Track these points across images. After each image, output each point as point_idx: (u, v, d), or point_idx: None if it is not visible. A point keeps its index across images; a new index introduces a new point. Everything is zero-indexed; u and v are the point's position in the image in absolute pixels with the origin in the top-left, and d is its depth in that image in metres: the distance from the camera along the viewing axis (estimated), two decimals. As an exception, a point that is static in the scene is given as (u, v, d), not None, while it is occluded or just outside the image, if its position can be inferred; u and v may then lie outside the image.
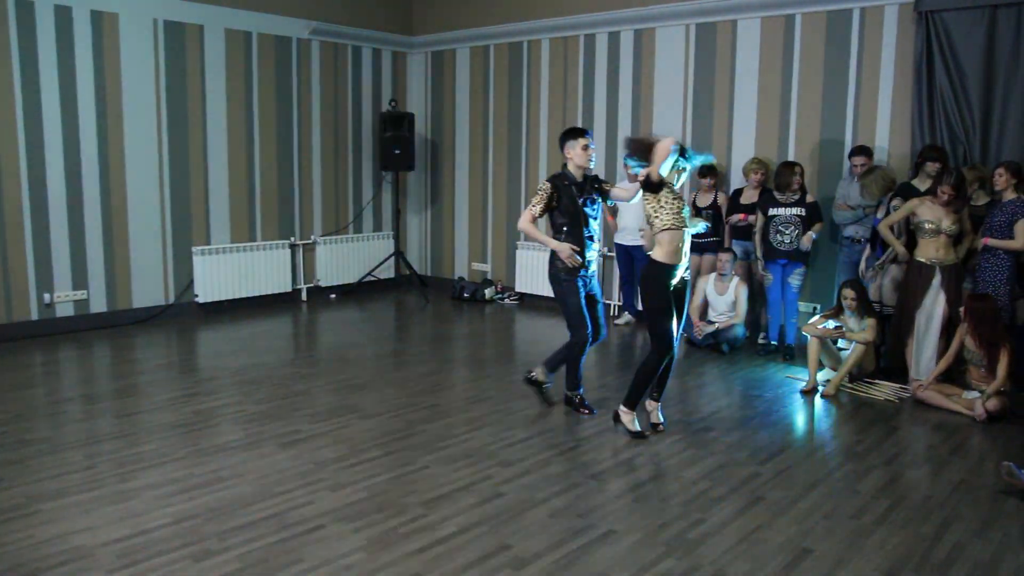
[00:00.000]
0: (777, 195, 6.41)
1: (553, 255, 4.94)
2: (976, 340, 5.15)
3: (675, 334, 4.61)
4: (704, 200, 7.00)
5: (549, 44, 8.44)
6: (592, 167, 4.95)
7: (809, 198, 6.42)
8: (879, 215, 6.02)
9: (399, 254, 9.47)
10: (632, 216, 7.16)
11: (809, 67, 6.79)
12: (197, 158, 7.77)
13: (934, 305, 5.56)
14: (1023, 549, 3.45)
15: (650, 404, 4.85)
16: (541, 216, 4.91)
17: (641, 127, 7.75)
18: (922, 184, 5.93)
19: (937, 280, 5.54)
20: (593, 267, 5.01)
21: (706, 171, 6.94)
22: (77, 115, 6.93)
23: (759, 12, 6.98)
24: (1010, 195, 5.40)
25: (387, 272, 9.49)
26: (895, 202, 5.89)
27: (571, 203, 4.86)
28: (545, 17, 8.33)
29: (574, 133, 4.93)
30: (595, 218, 4.96)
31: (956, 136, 6.07)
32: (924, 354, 5.59)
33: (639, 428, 4.70)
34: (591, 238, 4.93)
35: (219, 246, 7.94)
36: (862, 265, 6.15)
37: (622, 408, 4.73)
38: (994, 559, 3.35)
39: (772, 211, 6.41)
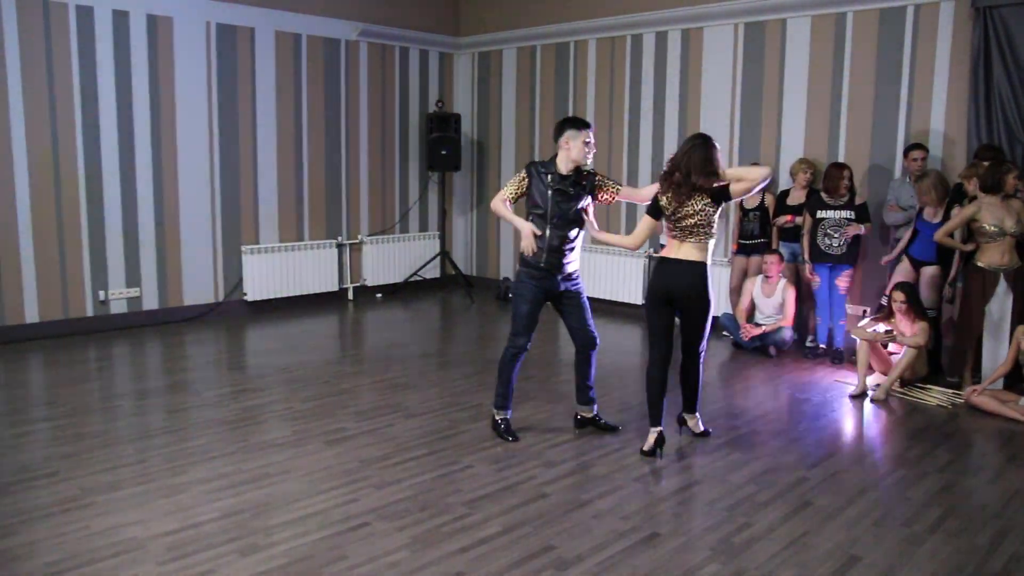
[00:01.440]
0: (825, 197, 6.30)
1: (521, 253, 4.64)
2: None
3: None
4: (752, 201, 6.91)
5: (596, 44, 8.41)
6: (589, 164, 4.57)
7: (858, 199, 6.30)
8: (929, 218, 5.89)
9: (445, 254, 9.51)
10: None
11: (860, 66, 6.66)
12: (247, 159, 7.90)
13: (1002, 312, 5.42)
14: (1082, 561, 3.35)
15: (691, 419, 4.74)
16: (513, 201, 4.61)
17: (688, 128, 7.68)
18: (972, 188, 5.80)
19: (1002, 288, 5.40)
20: (571, 268, 4.61)
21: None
22: (132, 117, 7.09)
23: (809, 11, 6.87)
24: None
25: (433, 272, 9.54)
26: (953, 210, 5.75)
27: (540, 195, 4.49)
28: (592, 17, 8.30)
29: (577, 124, 4.46)
30: (569, 219, 4.49)
31: (1015, 135, 5.91)
32: (992, 362, 5.47)
33: (702, 428, 4.71)
34: (563, 238, 4.50)
35: (268, 245, 8.06)
36: (945, 291, 5.96)
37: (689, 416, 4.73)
38: (1052, 571, 3.26)
39: (820, 214, 6.31)
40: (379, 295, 9.04)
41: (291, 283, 8.22)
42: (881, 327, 5.71)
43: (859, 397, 5.54)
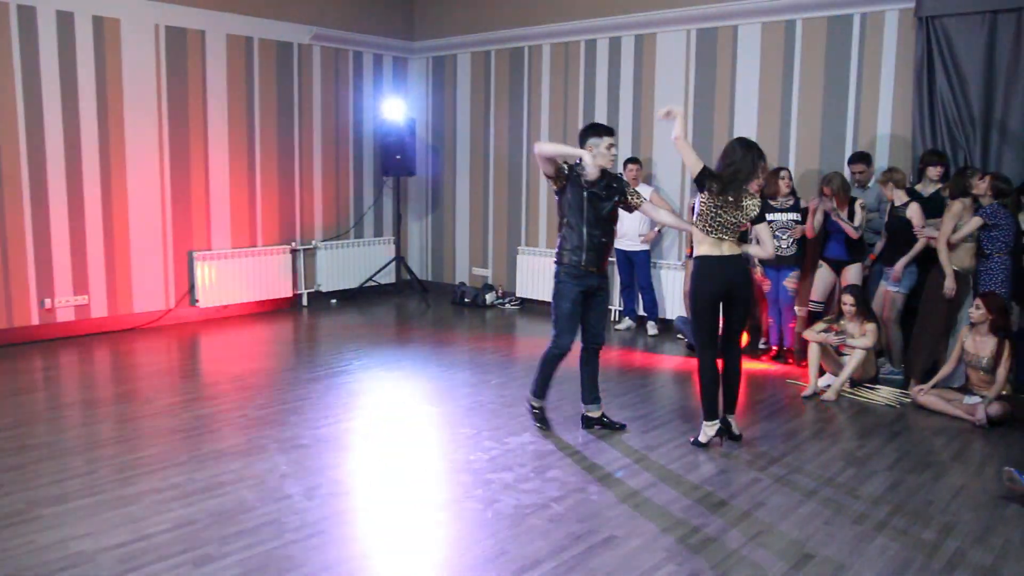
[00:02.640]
0: (771, 201, 6.42)
1: (559, 253, 4.70)
2: (995, 333, 5.13)
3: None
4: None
5: (550, 50, 8.45)
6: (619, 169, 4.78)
7: (804, 203, 6.43)
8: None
9: (400, 259, 9.47)
10: (632, 222, 7.16)
11: (810, 73, 6.80)
12: (198, 163, 7.78)
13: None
14: (1025, 555, 3.45)
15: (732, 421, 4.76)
16: (549, 178, 4.68)
17: (642, 132, 7.77)
18: (925, 189, 5.95)
19: (970, 288, 5.55)
20: (605, 267, 4.75)
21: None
22: (79, 120, 6.94)
23: (760, 18, 6.99)
24: (987, 203, 5.45)
25: (388, 277, 9.49)
26: (913, 208, 5.89)
27: (576, 199, 4.60)
28: (546, 23, 8.34)
29: (599, 131, 4.63)
30: (604, 218, 4.64)
31: (957, 141, 6.08)
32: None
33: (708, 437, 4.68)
34: (600, 237, 4.63)
35: (220, 251, 7.95)
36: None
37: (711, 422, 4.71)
38: (995, 565, 3.34)
39: (768, 216, 6.41)
40: (334, 301, 8.97)
41: (244, 289, 8.11)
42: (833, 335, 5.81)
43: (811, 398, 5.64)
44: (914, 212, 5.76)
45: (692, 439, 4.67)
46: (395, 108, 8.95)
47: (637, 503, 3.88)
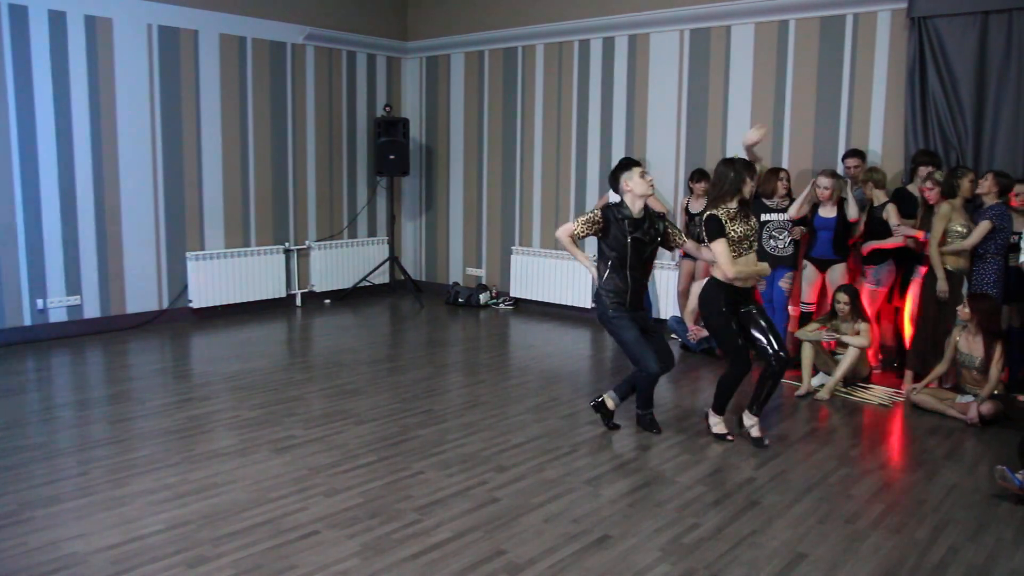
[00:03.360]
0: (767, 201, 6.43)
1: (598, 295, 4.75)
2: (983, 335, 5.14)
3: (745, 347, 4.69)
4: (697, 206, 7.01)
5: (544, 49, 8.45)
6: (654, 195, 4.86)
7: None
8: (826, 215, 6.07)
9: (394, 259, 9.46)
10: None
11: (803, 72, 6.81)
12: (191, 163, 7.76)
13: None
14: (1017, 553, 3.46)
15: (748, 419, 4.78)
16: (582, 238, 4.70)
17: (636, 132, 7.77)
18: (916, 189, 5.97)
19: (965, 288, 5.55)
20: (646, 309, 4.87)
21: (699, 176, 6.98)
22: (71, 120, 6.92)
23: (753, 18, 7.00)
24: (991, 201, 5.46)
25: (382, 277, 9.48)
26: (890, 207, 5.92)
27: (618, 243, 4.61)
28: (540, 23, 8.35)
29: (628, 164, 4.71)
30: (644, 261, 4.72)
31: (949, 141, 6.10)
32: None
33: (723, 431, 4.78)
34: (642, 279, 4.72)
35: (213, 251, 7.93)
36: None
37: (710, 411, 4.86)
38: (988, 563, 3.36)
39: (765, 216, 6.42)
40: (327, 301, 8.96)
41: (238, 290, 8.10)
42: (822, 332, 5.82)
43: (804, 397, 5.65)
44: (891, 212, 5.87)
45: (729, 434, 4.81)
46: (389, 108, 8.95)
47: (631, 502, 3.88)
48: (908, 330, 6.00)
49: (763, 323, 4.62)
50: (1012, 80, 5.83)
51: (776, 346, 4.57)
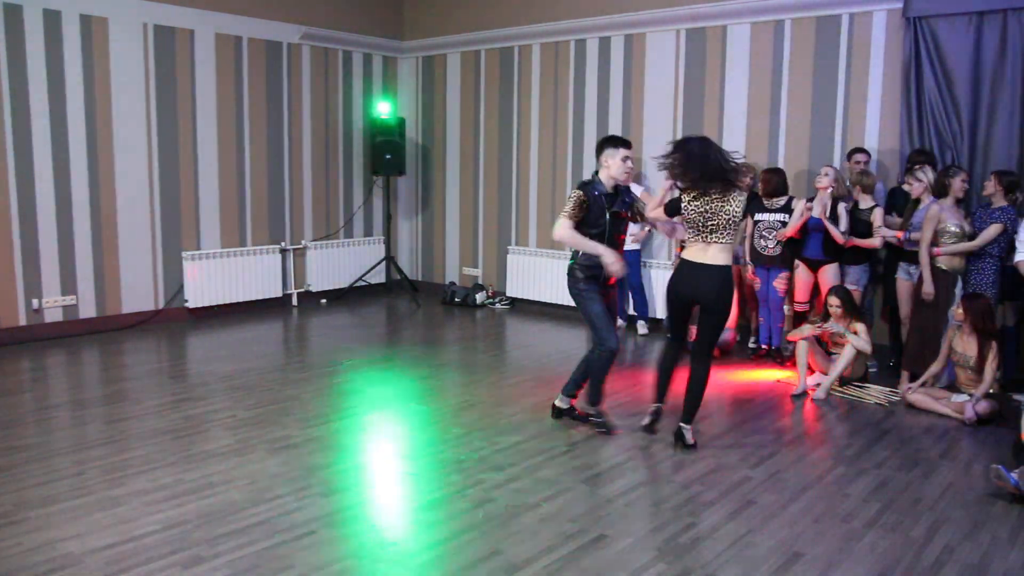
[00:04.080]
0: (764, 201, 6.43)
1: (572, 269, 4.73)
2: (977, 335, 5.15)
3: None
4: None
5: (540, 49, 8.45)
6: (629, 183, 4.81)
7: (795, 204, 6.43)
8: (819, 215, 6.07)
9: (390, 259, 9.46)
10: None
11: (798, 72, 6.82)
12: (187, 163, 7.75)
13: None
14: (1012, 551, 3.46)
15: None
16: (575, 224, 4.63)
17: (632, 132, 7.77)
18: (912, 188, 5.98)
19: (959, 289, 5.55)
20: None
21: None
22: (66, 120, 6.91)
23: (749, 18, 7.01)
24: (1000, 202, 5.45)
25: (378, 277, 9.48)
26: (876, 211, 5.95)
27: (598, 217, 4.60)
28: (536, 22, 8.35)
29: (615, 142, 4.67)
30: (620, 232, 4.72)
31: (944, 140, 6.11)
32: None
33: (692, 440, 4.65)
34: (620, 253, 4.69)
35: (209, 251, 7.92)
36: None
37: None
38: (983, 561, 3.36)
39: (758, 216, 6.43)
40: (324, 301, 8.95)
41: (234, 289, 8.09)
42: (808, 329, 5.83)
43: (800, 397, 5.66)
44: (876, 214, 5.96)
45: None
46: (385, 107, 8.95)
47: (627, 502, 3.89)
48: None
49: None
50: (1007, 80, 5.85)
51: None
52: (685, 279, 4.48)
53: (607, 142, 4.71)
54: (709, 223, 4.39)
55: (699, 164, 4.32)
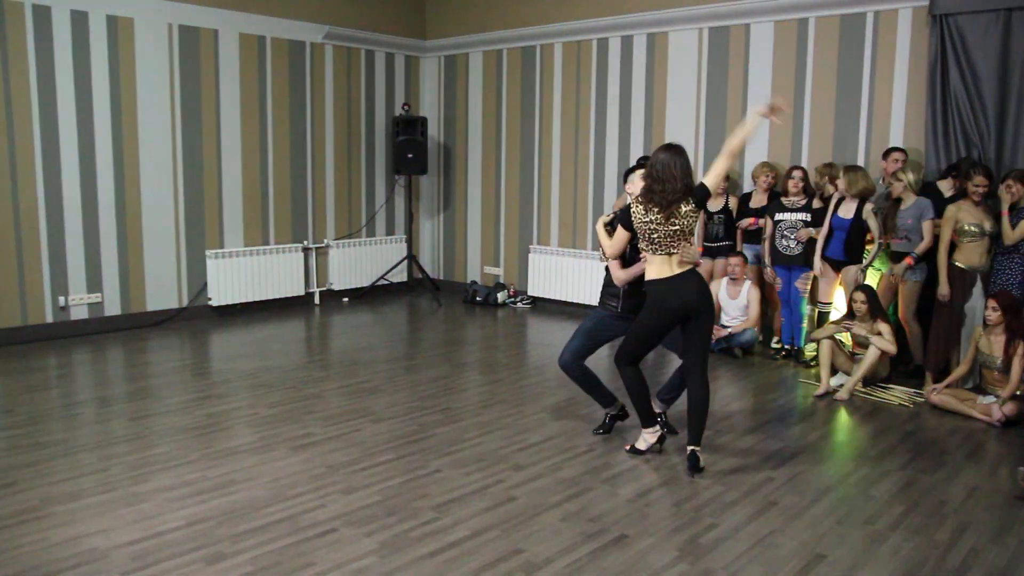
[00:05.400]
0: (784, 200, 6.38)
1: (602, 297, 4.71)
2: (1006, 334, 5.09)
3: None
4: (716, 204, 6.98)
5: (562, 48, 8.44)
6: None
7: (816, 203, 6.38)
8: (845, 215, 6.02)
9: (412, 258, 9.48)
10: None
11: (822, 71, 6.76)
12: (211, 162, 7.81)
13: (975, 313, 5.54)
14: (1039, 556, 3.42)
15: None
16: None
17: (654, 131, 7.74)
18: (947, 189, 5.91)
19: (979, 287, 5.51)
20: None
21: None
22: (92, 119, 6.99)
23: (772, 16, 6.96)
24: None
25: (400, 276, 9.51)
26: (869, 206, 5.91)
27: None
28: (558, 21, 8.33)
29: (635, 167, 4.56)
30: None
31: (971, 140, 6.03)
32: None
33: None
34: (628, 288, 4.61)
35: (232, 249, 7.98)
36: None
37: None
38: (1010, 565, 3.32)
39: (779, 216, 6.39)
40: (346, 299, 8.99)
41: (257, 288, 8.15)
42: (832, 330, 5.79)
43: (823, 397, 5.61)
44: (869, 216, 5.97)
45: (628, 447, 4.49)
46: (407, 107, 8.97)
47: (648, 502, 3.87)
48: (912, 328, 5.98)
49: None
50: (1035, 78, 5.77)
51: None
52: (671, 295, 4.13)
53: (630, 169, 4.61)
54: (666, 235, 4.10)
55: (669, 176, 4.06)
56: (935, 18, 6.08)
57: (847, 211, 6.04)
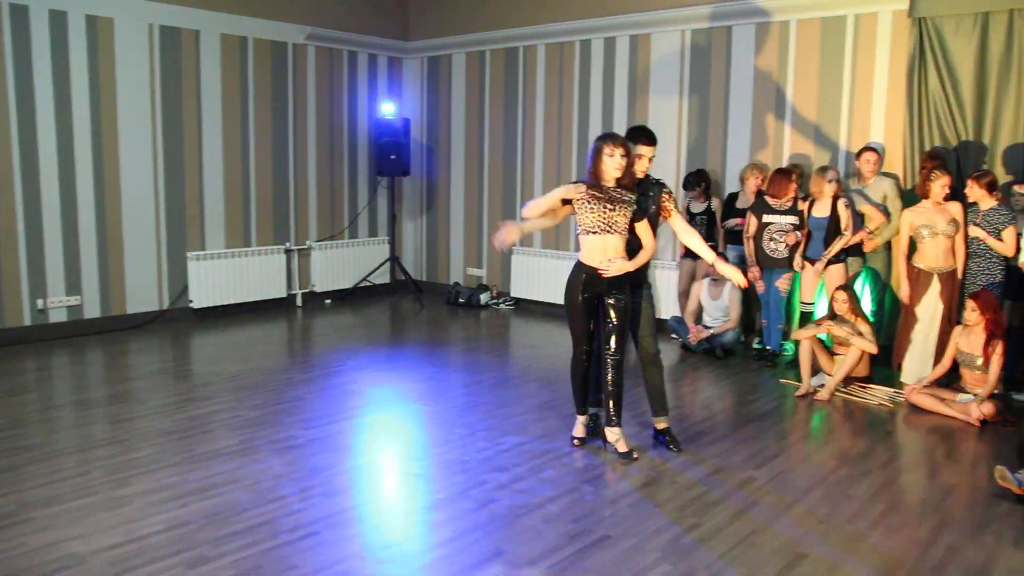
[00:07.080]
0: (772, 202, 6.40)
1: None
2: (986, 333, 5.14)
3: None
4: (698, 206, 7.00)
5: (545, 50, 8.45)
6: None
7: (801, 205, 6.41)
8: (818, 214, 6.07)
9: (394, 259, 9.46)
10: None
11: (804, 73, 6.81)
12: (192, 163, 7.76)
13: (934, 312, 5.59)
14: (1016, 552, 3.45)
15: (610, 434, 4.50)
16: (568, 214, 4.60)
17: (636, 132, 7.75)
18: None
19: (936, 289, 5.56)
20: None
21: (697, 176, 6.97)
22: (71, 120, 6.93)
23: (754, 18, 7.00)
24: (990, 202, 5.45)
25: (382, 277, 9.48)
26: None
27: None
28: (541, 23, 8.34)
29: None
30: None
31: (948, 142, 6.09)
32: (919, 360, 5.64)
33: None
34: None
35: (214, 251, 7.93)
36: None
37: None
38: (987, 562, 3.35)
39: (767, 218, 6.39)
40: (328, 301, 8.96)
41: (238, 290, 8.10)
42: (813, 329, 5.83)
43: (804, 397, 5.65)
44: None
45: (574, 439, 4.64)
46: (390, 108, 8.96)
47: (631, 503, 3.88)
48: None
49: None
50: (1013, 81, 5.83)
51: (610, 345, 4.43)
52: (577, 279, 4.47)
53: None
54: (611, 219, 4.36)
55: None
56: (915, 21, 6.14)
57: (821, 210, 6.08)
